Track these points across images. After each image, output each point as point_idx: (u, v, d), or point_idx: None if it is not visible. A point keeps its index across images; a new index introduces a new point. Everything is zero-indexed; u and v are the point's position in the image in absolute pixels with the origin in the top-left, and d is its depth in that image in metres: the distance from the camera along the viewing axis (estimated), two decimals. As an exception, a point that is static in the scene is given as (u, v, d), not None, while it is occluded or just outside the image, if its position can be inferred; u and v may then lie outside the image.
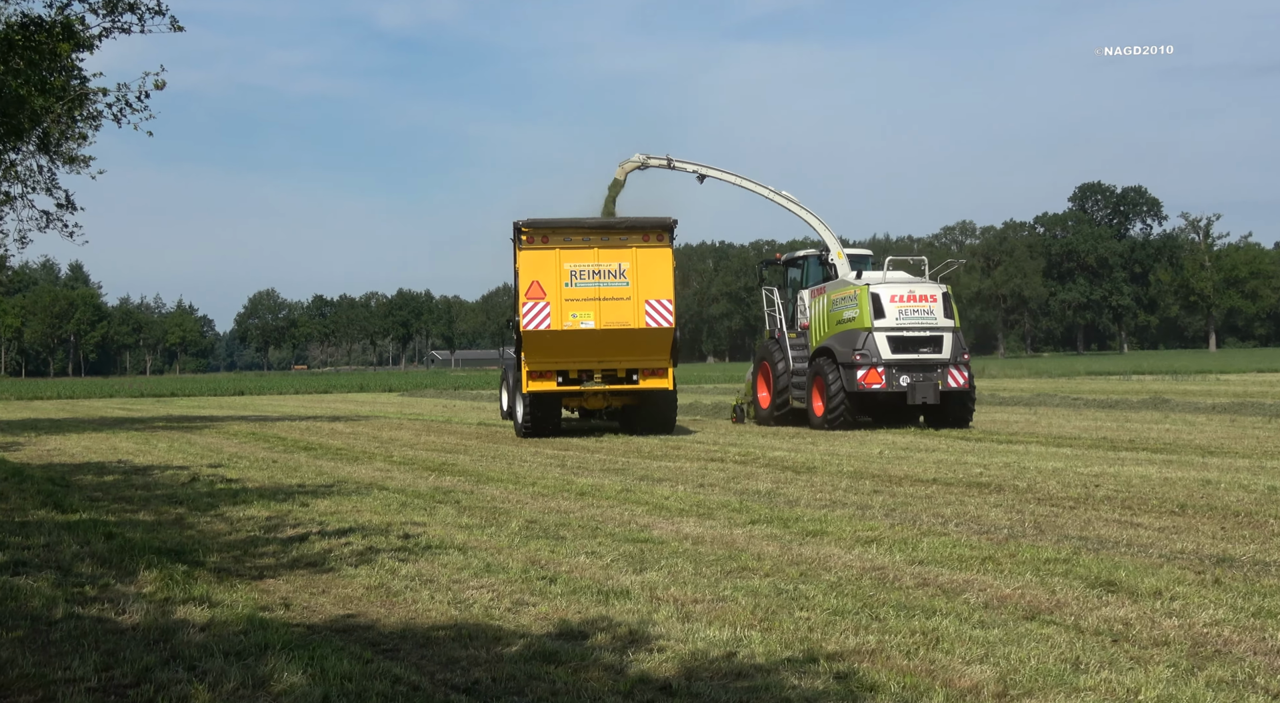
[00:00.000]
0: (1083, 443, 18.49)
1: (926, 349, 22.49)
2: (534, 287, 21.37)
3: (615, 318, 21.41)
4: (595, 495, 12.80)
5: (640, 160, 25.63)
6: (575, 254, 21.42)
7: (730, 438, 20.92)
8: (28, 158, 26.35)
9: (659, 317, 21.50)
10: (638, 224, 21.87)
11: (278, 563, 8.96)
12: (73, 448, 21.43)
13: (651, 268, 21.52)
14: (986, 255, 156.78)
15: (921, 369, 22.40)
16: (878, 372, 22.29)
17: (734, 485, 13.51)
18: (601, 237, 21.61)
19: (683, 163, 25.78)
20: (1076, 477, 13.64)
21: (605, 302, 21.42)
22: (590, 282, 21.41)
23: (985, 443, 18.82)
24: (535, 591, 7.76)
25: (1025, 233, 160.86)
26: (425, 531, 10.37)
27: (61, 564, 8.74)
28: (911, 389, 22.22)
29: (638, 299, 21.47)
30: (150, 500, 12.97)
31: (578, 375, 21.92)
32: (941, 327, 22.61)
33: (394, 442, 21.92)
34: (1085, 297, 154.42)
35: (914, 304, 22.60)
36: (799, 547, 9.25)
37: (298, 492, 13.48)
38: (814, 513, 11.04)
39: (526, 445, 20.05)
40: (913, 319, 22.53)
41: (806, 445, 18.97)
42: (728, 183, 25.88)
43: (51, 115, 22.67)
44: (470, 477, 15.06)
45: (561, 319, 21.30)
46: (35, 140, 25.44)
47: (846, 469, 15.02)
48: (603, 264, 21.44)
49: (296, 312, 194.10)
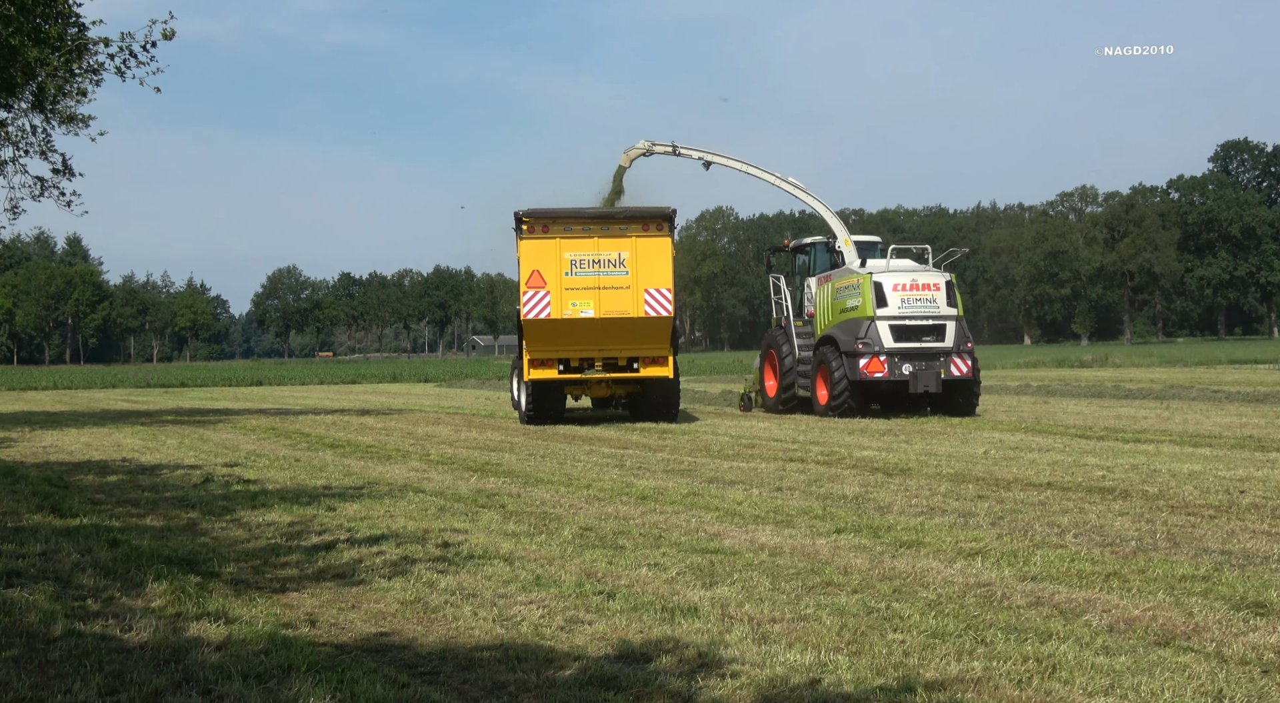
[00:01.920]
0: (1224, 442, 18.20)
1: (929, 338, 25.19)
2: (534, 275, 24.01)
3: (615, 307, 24.07)
4: (658, 500, 12.83)
5: (645, 147, 28.90)
6: (575, 243, 24.08)
7: (813, 435, 20.87)
8: (19, 117, 26.29)
9: (658, 305, 24.13)
10: (637, 214, 24.53)
11: (302, 574, 9.07)
12: (71, 445, 21.85)
13: (651, 257, 24.15)
14: (1110, 225, 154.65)
15: (924, 358, 25.07)
16: (880, 360, 25.01)
17: (816, 489, 13.49)
18: (601, 226, 24.23)
19: (688, 149, 28.81)
20: (1217, 481, 13.43)
21: (605, 291, 24.07)
22: (590, 271, 24.08)
23: (1108, 442, 18.60)
24: (591, 607, 7.80)
25: (1157, 199, 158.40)
26: (467, 538, 10.45)
27: (60, 575, 8.90)
28: (913, 378, 24.89)
29: (637, 288, 24.12)
30: (159, 504, 13.19)
31: (579, 364, 24.76)
32: (944, 315, 25.28)
33: (431, 438, 22.11)
34: (1228, 273, 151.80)
35: (916, 293, 25.28)
36: (892, 560, 9.21)
37: (323, 494, 13.65)
38: (909, 521, 11.00)
39: (580, 443, 20.15)
40: (915, 308, 25.21)
41: (899, 444, 18.88)
42: (734, 170, 28.86)
43: (47, 68, 22.85)
44: (517, 478, 15.16)
45: (562, 308, 23.97)
46: (29, 97, 25.44)
47: (946, 471, 14.94)
48: (602, 253, 24.12)
49: (321, 292, 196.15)
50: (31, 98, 25.48)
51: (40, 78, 23.37)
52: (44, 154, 26.94)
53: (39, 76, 23.20)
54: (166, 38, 21.64)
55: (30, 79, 23.29)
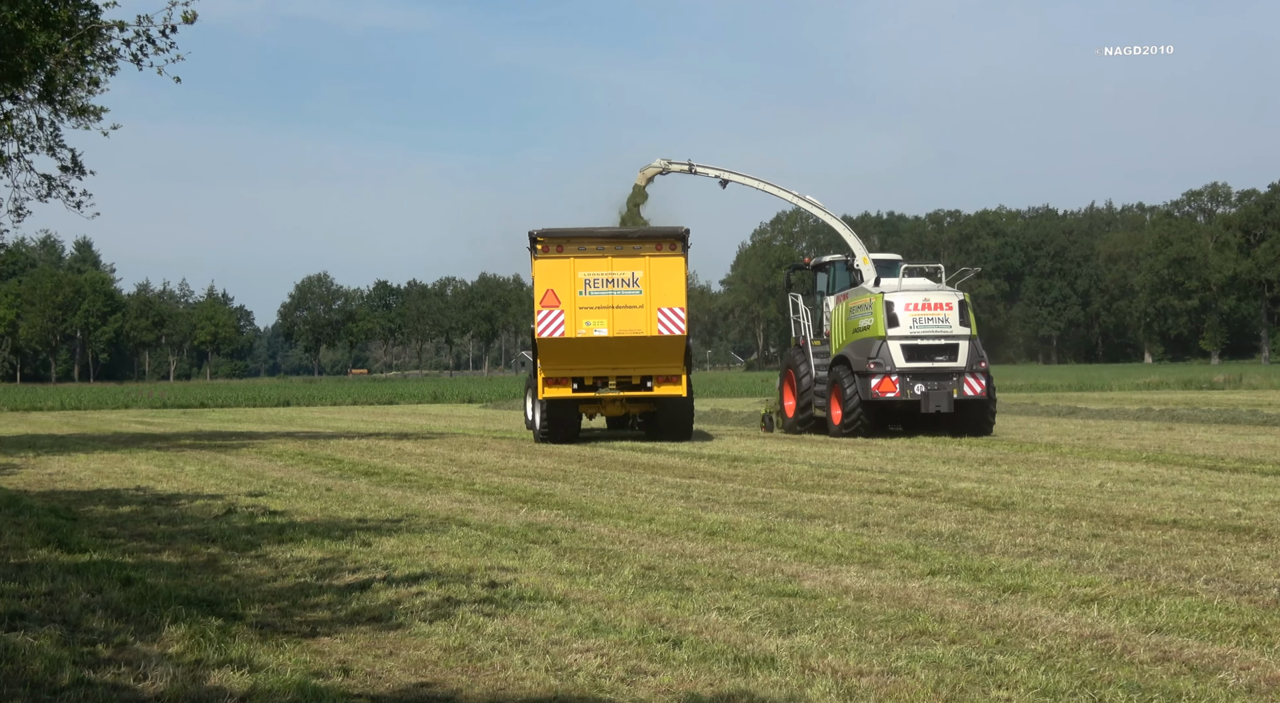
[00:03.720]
0: (1377, 475, 17.88)
1: (941, 357, 27.96)
2: (549, 295, 26.88)
3: (628, 326, 26.85)
4: (729, 535, 12.81)
5: (661, 165, 31.97)
6: (589, 263, 26.91)
7: (903, 464, 20.76)
8: (25, 108, 26.47)
9: (671, 325, 26.87)
10: (650, 234, 27.67)
11: (334, 617, 9.13)
12: (80, 472, 22.13)
13: (664, 277, 26.93)
14: (1245, 228, 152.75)
15: (936, 377, 27.82)
16: (891, 380, 27.72)
17: (907, 525, 13.42)
18: (615, 246, 27.10)
19: (704, 167, 31.97)
20: (1369, 520, 13.20)
21: (618, 309, 26.86)
22: (604, 290, 26.88)
23: (1244, 474, 18.35)
24: (655, 656, 7.79)
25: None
26: (516, 578, 10.48)
27: (68, 618, 9.00)
28: (925, 398, 27.68)
29: (650, 307, 26.88)
30: (176, 538, 13.33)
31: (593, 382, 27.65)
32: (957, 335, 28.13)
33: (476, 465, 22.22)
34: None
35: (929, 312, 28.06)
36: (994, 606, 9.14)
37: (358, 528, 13.74)
38: (1013, 562, 10.91)
39: (641, 472, 20.17)
40: (927, 327, 28.02)
41: (1001, 475, 18.74)
42: (751, 188, 32.02)
43: (56, 55, 23.09)
44: (572, 510, 15.19)
45: (576, 327, 26.79)
46: (36, 87, 25.52)
47: (1055, 506, 14.81)
48: (616, 273, 26.92)
49: (354, 302, 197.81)
50: (39, 88, 25.49)
51: (49, 66, 23.55)
52: (52, 150, 27.07)
53: (48, 64, 23.39)
54: (188, 21, 21.83)
55: (38, 67, 23.47)
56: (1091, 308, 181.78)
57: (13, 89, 24.72)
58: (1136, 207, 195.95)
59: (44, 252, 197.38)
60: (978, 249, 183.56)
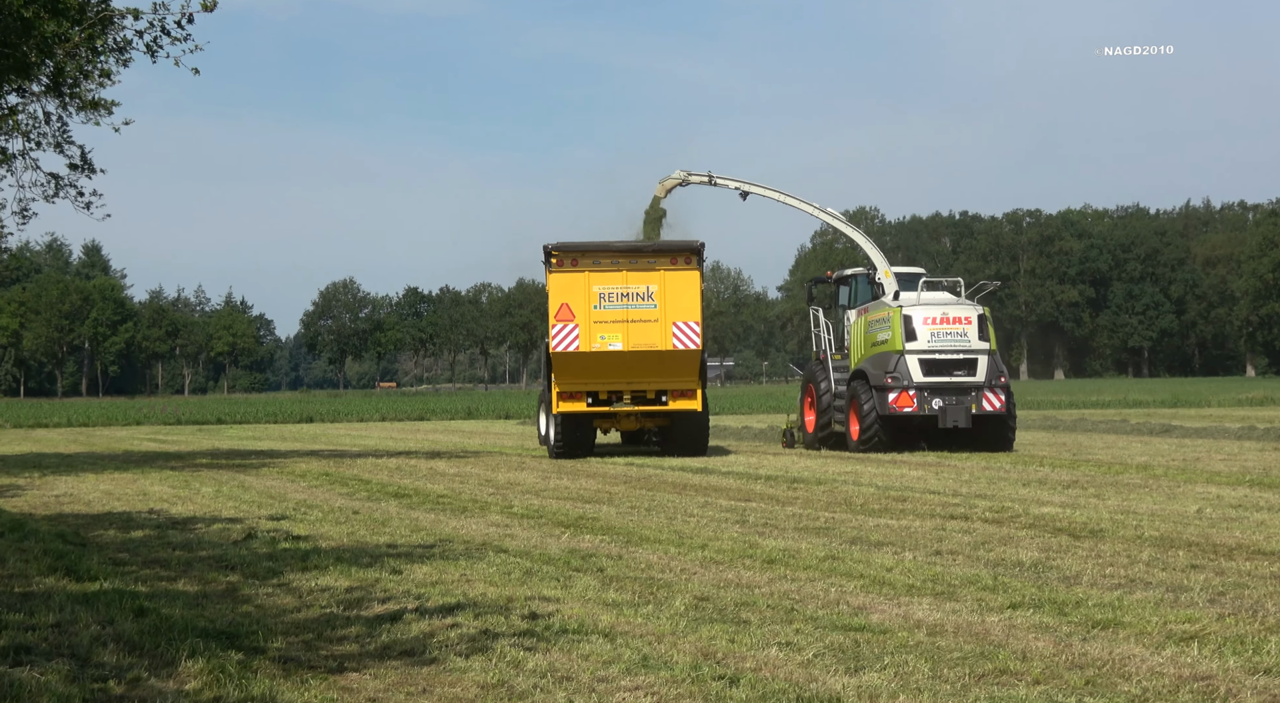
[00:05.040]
0: None
1: (960, 372, 29.84)
2: (563, 309, 28.78)
3: (642, 340, 28.75)
4: (790, 564, 12.80)
5: (681, 177, 34.18)
6: (604, 277, 28.88)
7: (979, 487, 20.66)
8: (32, 102, 26.59)
9: (686, 339, 28.81)
10: (665, 247, 29.82)
11: (362, 651, 9.17)
12: (89, 493, 22.31)
13: (679, 290, 28.90)
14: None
15: (954, 392, 29.69)
16: (909, 395, 29.56)
17: (984, 553, 13.37)
18: (630, 259, 29.07)
19: (725, 180, 34.21)
20: None
21: (633, 323, 28.78)
22: (618, 304, 28.78)
23: (1357, 499, 18.15)
24: (710, 695, 7.78)
25: None
26: (559, 609, 10.50)
27: (77, 651, 9.06)
28: (943, 413, 29.50)
29: (665, 321, 28.79)
30: (192, 565, 13.42)
31: (607, 397, 29.52)
32: (976, 349, 29.98)
33: (514, 487, 22.28)
34: None
35: (947, 326, 29.97)
36: (1082, 643, 9.09)
37: (387, 554, 13.80)
38: (1103, 595, 10.84)
39: (692, 494, 20.17)
40: (946, 342, 29.91)
41: (1087, 499, 18.62)
42: (772, 200, 34.14)
43: (65, 45, 23.22)
44: (618, 536, 15.21)
45: (590, 341, 28.67)
46: (44, 79, 25.58)
47: (1149, 534, 14.70)
48: (631, 287, 28.84)
49: (383, 310, 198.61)
50: (47, 80, 25.48)
51: (58, 56, 23.67)
52: (60, 146, 27.18)
53: (56, 55, 23.53)
54: (207, 9, 22.05)
55: (46, 58, 23.59)
56: (1187, 316, 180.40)
57: (19, 82, 24.73)
58: (1238, 205, 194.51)
59: (50, 256, 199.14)
60: (1060, 252, 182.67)
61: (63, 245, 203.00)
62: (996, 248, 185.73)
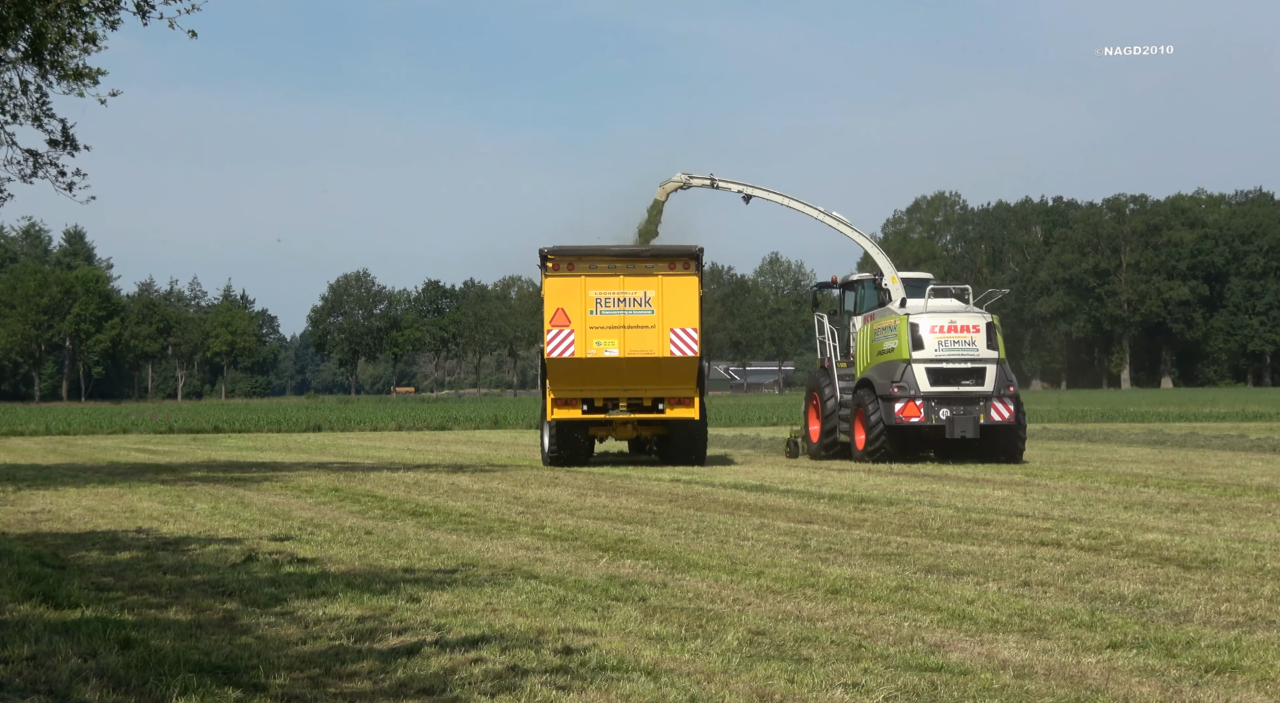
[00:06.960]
0: None
1: (968, 381, 32.20)
2: (559, 314, 31.19)
3: (639, 346, 31.14)
4: (856, 594, 12.79)
5: (683, 180, 37.14)
6: (601, 282, 31.29)
7: (1072, 509, 20.59)
8: (8, 70, 26.56)
9: (683, 345, 31.21)
10: (663, 252, 32.35)
11: (375, 688, 9.20)
12: (69, 510, 22.40)
13: (677, 296, 31.33)
14: None
15: (962, 402, 32.06)
16: (916, 405, 31.85)
17: (1080, 585, 13.31)
18: (627, 264, 31.53)
19: (727, 182, 37.08)
20: None
21: (630, 330, 31.17)
22: (615, 309, 31.21)
23: None
24: (765, 742, 7.78)
25: None
26: (596, 643, 10.52)
27: (55, 687, 9.11)
28: (950, 423, 31.87)
29: (662, 328, 31.21)
30: (185, 590, 13.47)
31: (603, 404, 31.95)
32: (984, 358, 32.40)
33: (545, 504, 22.32)
34: None
35: (955, 335, 32.30)
36: (1194, 689, 9.07)
37: (404, 580, 13.83)
38: (1217, 635, 10.81)
39: (746, 514, 20.16)
40: (953, 350, 32.24)
41: (1199, 525, 18.52)
42: (775, 203, 36.92)
43: (47, 6, 23.19)
44: (662, 560, 15.21)
45: (586, 347, 31.07)
46: (22, 45, 25.46)
47: (1271, 565, 14.63)
48: (628, 292, 31.28)
49: (400, 306, 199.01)
50: (25, 45, 25.34)
51: (38, 18, 23.66)
52: (38, 120, 27.15)
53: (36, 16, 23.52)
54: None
55: (25, 20, 23.60)
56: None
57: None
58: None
59: (27, 243, 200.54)
60: (1168, 243, 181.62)
61: (41, 231, 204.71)
62: (1095, 238, 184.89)
